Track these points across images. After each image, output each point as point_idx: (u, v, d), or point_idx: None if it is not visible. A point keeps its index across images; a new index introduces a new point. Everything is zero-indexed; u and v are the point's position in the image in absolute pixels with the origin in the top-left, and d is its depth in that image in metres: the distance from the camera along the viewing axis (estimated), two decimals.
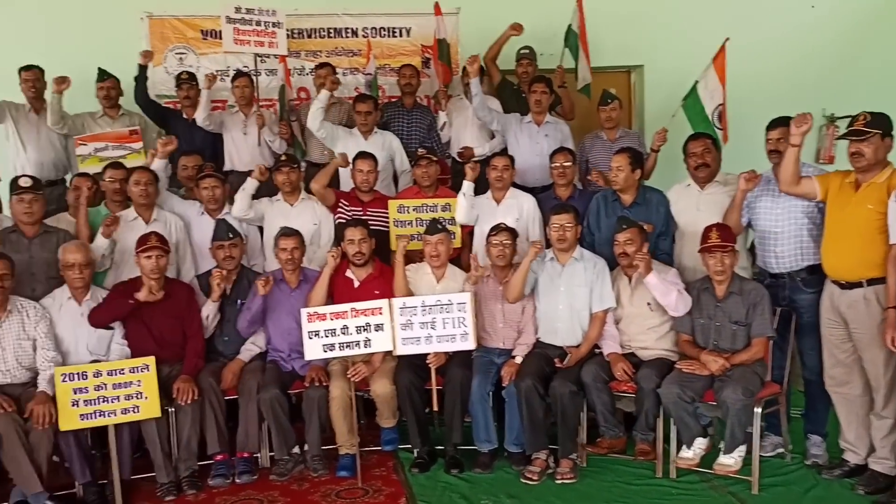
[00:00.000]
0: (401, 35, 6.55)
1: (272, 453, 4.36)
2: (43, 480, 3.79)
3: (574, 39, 6.30)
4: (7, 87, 5.54)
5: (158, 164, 4.92)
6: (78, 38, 6.13)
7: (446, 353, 4.32)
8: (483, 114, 5.61)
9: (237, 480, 4.21)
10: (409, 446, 4.45)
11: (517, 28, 5.98)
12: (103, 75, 5.59)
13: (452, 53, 6.41)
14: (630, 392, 4.18)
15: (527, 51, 6.16)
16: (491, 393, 4.32)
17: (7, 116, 5.48)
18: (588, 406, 4.25)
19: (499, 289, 4.48)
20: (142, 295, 4.12)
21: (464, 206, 4.87)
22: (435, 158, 5.18)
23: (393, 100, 6.26)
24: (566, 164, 4.95)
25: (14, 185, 4.44)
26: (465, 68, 5.96)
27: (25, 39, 6.08)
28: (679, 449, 4.05)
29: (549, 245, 4.56)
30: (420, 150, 5.17)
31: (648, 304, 4.28)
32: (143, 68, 5.62)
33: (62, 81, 5.28)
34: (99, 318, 4.18)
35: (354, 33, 6.48)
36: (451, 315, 4.26)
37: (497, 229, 4.46)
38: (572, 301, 4.36)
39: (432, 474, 4.27)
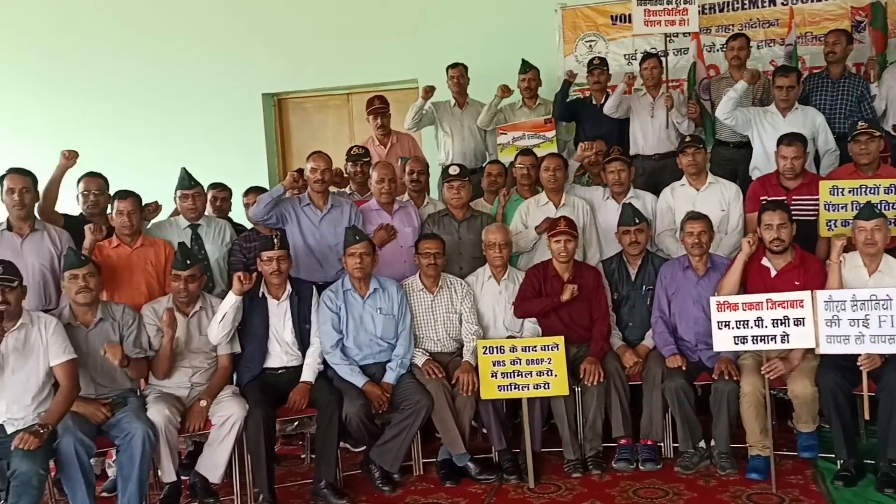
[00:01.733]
0: None
1: (676, 444, 4.25)
2: (465, 443, 4.16)
3: None
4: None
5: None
6: (498, 34, 6.60)
7: (881, 355, 3.78)
8: None
9: (641, 467, 4.18)
10: (831, 455, 4.00)
11: None
12: (526, 67, 5.92)
13: (890, 14, 5.60)
14: None
15: None
16: None
17: (436, 118, 6.11)
18: None
19: None
20: (565, 296, 4.28)
21: None
22: (878, 133, 4.53)
23: (815, 70, 5.66)
24: None
25: (445, 173, 4.93)
26: None
27: (452, 39, 6.70)
28: None
29: None
30: (861, 123, 4.56)
31: None
32: (567, 84, 5.85)
33: (507, 89, 5.74)
34: (525, 313, 4.43)
35: (772, 2, 6.01)
36: (889, 313, 3.70)
37: None
38: None
39: (860, 490, 3.78)
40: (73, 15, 7.51)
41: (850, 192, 4.41)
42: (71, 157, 4.50)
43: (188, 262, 4.02)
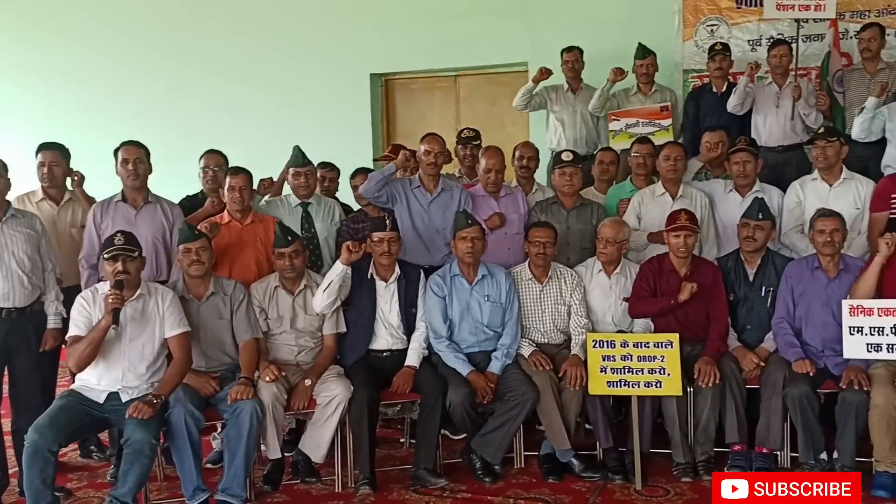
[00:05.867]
0: None
1: (794, 454, 4.01)
2: (570, 438, 4.02)
3: None
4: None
5: None
6: (614, 17, 6.38)
7: None
8: None
9: None
10: None
11: None
12: (644, 52, 5.70)
13: None
14: None
15: None
16: None
17: (547, 101, 5.96)
18: None
19: None
20: (683, 296, 4.08)
21: None
22: None
23: None
24: None
25: (557, 159, 4.79)
26: None
27: (566, 21, 6.50)
28: None
29: None
30: None
31: None
32: None
33: (621, 72, 5.57)
34: (640, 313, 4.26)
35: None
36: None
37: None
38: None
39: None
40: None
41: None
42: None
43: (289, 238, 4.03)
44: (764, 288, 4.23)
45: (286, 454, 4.07)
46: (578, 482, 4.00)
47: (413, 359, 4.12)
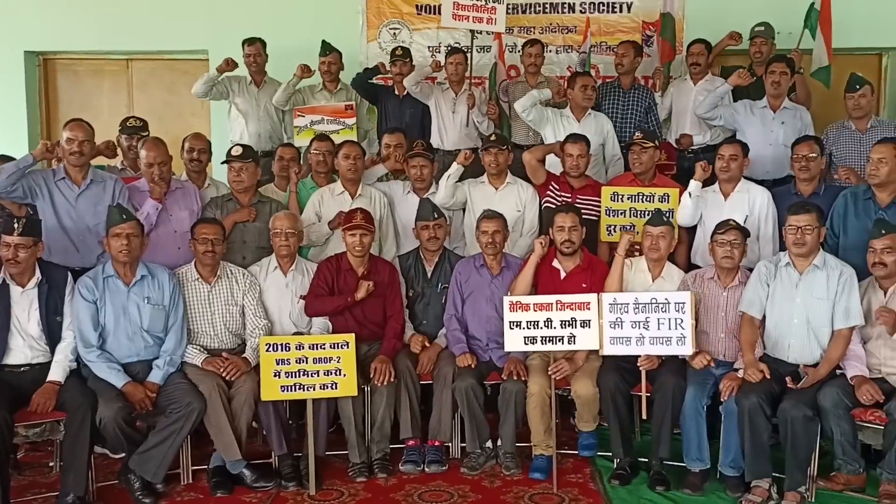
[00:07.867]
0: (621, 10, 6.17)
1: (464, 444, 4.17)
2: (242, 448, 3.82)
3: (815, 18, 5.61)
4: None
5: None
6: (299, 12, 6.24)
7: (659, 357, 3.92)
8: (706, 115, 5.20)
9: (426, 469, 4.05)
10: (608, 454, 4.10)
11: (735, 38, 5.62)
12: (327, 49, 5.63)
13: (677, 31, 5.93)
14: (877, 423, 3.58)
15: (762, 28, 5.55)
16: (706, 407, 3.87)
17: (230, 91, 5.67)
18: (822, 434, 3.69)
19: (723, 294, 3.99)
20: (360, 294, 4.08)
21: (689, 208, 4.41)
22: (651, 144, 4.70)
23: (608, 80, 5.86)
24: (811, 155, 4.35)
25: (227, 154, 4.54)
26: (689, 48, 5.57)
27: (250, 12, 6.25)
28: None
29: (782, 247, 4.03)
30: (637, 133, 4.74)
31: None
32: (376, 70, 5.69)
33: (307, 70, 5.43)
34: (316, 312, 4.19)
35: (571, 9, 6.19)
36: (667, 315, 3.85)
37: (725, 226, 3.96)
38: (810, 315, 3.79)
39: (634, 488, 3.89)
40: None
41: (628, 198, 4.58)
42: None
43: None
44: (440, 284, 4.38)
45: None
46: (250, 493, 3.82)
47: (57, 373, 3.64)
